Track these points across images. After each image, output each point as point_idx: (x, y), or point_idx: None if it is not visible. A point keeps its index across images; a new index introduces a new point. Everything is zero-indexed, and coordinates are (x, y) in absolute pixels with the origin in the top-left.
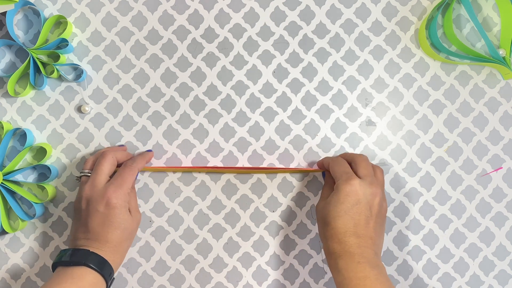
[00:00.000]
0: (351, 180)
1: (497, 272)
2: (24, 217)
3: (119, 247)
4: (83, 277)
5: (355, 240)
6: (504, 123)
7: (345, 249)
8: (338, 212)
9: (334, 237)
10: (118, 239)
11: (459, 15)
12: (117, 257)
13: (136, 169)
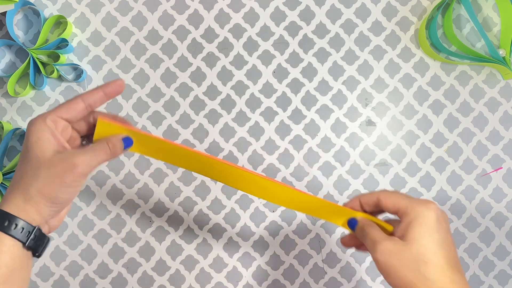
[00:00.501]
0: (430, 205)
1: (497, 272)
2: None
3: (27, 189)
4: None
5: (461, 278)
6: (504, 123)
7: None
8: (435, 246)
9: (440, 275)
10: (22, 176)
11: (459, 15)
12: (30, 205)
13: (79, 98)
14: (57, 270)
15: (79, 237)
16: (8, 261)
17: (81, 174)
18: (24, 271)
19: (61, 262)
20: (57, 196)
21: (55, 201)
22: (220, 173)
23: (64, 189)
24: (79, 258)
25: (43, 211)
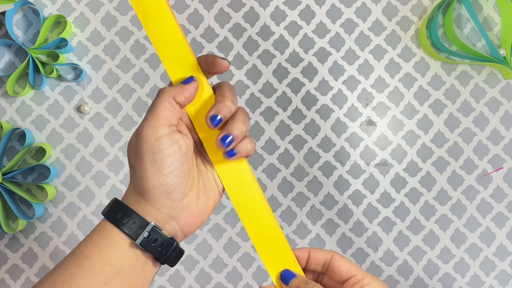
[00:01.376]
0: (384, 285)
1: (497, 273)
2: (24, 217)
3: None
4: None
5: None
6: (505, 123)
7: None
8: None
9: None
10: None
11: (459, 14)
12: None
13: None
14: None
15: (79, 238)
16: (114, 259)
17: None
18: (135, 275)
19: None
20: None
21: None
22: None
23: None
24: None
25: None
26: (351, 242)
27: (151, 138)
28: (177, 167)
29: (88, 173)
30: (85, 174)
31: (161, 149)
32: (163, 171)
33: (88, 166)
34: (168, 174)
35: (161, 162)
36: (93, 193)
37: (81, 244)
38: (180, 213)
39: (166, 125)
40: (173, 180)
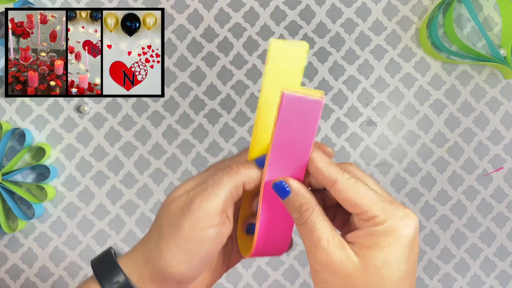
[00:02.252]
0: (410, 219)
1: (498, 273)
2: (23, 218)
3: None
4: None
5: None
6: (505, 123)
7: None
8: (399, 282)
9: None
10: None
11: (460, 14)
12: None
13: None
14: (56, 270)
15: (78, 238)
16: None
17: (201, 210)
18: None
19: (60, 263)
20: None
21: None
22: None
23: (184, 246)
24: (78, 258)
25: (158, 280)
26: None
27: (201, 225)
28: (208, 262)
29: (88, 173)
30: (85, 174)
31: (203, 240)
32: (191, 262)
33: (88, 166)
34: (195, 267)
35: (196, 254)
36: (93, 193)
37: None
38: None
39: (221, 214)
40: (197, 272)
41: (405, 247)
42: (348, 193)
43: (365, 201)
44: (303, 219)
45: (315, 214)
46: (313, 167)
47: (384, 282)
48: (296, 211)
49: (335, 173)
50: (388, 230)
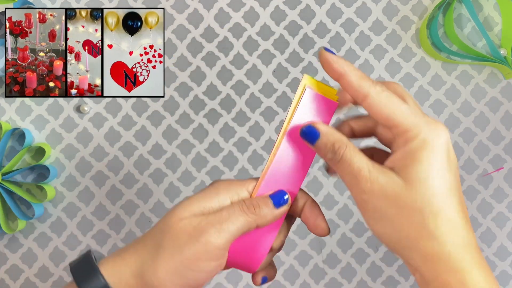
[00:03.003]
0: (440, 130)
1: (498, 273)
2: (23, 218)
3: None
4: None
5: (474, 238)
6: (506, 123)
7: (473, 257)
8: (448, 191)
9: (453, 235)
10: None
11: (460, 14)
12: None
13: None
14: (56, 271)
15: (78, 238)
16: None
17: (212, 245)
18: None
19: (60, 263)
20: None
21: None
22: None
23: (185, 272)
24: None
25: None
26: (351, 242)
27: (206, 257)
28: (201, 285)
29: (88, 173)
30: (84, 174)
31: (203, 271)
32: (184, 284)
33: (88, 166)
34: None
35: (191, 282)
36: (92, 193)
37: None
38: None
39: (226, 249)
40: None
41: (443, 157)
42: (379, 107)
43: (397, 114)
44: (339, 156)
45: (349, 149)
46: (345, 81)
47: (434, 195)
48: (329, 151)
49: (366, 87)
50: (422, 144)
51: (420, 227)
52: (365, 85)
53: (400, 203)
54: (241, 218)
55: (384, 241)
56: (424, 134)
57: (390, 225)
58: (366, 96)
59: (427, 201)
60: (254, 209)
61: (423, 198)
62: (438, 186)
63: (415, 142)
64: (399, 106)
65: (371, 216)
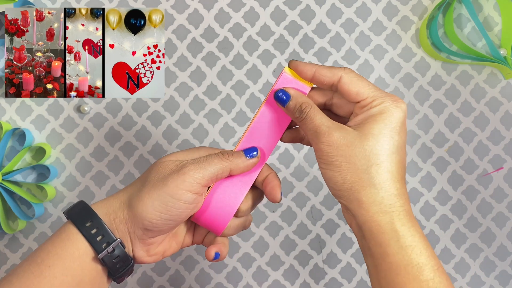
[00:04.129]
0: (401, 104)
1: (498, 273)
2: (23, 218)
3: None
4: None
5: (406, 192)
6: (505, 123)
7: (404, 203)
8: (393, 147)
9: (389, 184)
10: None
11: (460, 14)
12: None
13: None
14: None
15: None
16: (76, 271)
17: (189, 177)
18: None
19: None
20: (152, 205)
21: (148, 212)
22: None
23: (163, 196)
24: None
25: (131, 221)
26: (351, 242)
27: (184, 187)
28: (175, 222)
29: (88, 173)
30: (85, 174)
31: (181, 200)
32: (164, 214)
33: (88, 166)
34: (164, 221)
35: (170, 209)
36: (93, 193)
37: (41, 251)
38: (140, 245)
39: (202, 187)
40: (163, 227)
41: (397, 123)
42: (351, 85)
43: (365, 89)
44: (304, 114)
45: (313, 109)
46: (318, 73)
47: (381, 149)
48: (297, 111)
49: (338, 71)
50: (383, 109)
51: (363, 173)
52: (337, 70)
53: (350, 152)
54: (216, 161)
55: (331, 184)
56: (386, 104)
57: (338, 170)
58: (341, 77)
59: (374, 152)
60: (229, 156)
61: (371, 149)
62: (386, 143)
63: (377, 108)
64: (367, 84)
65: (324, 162)
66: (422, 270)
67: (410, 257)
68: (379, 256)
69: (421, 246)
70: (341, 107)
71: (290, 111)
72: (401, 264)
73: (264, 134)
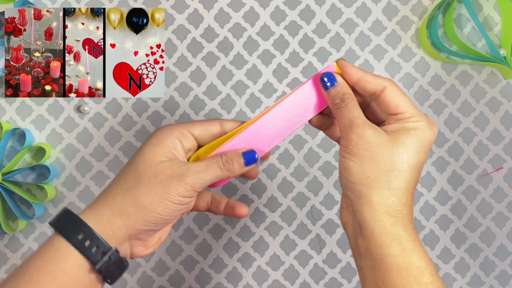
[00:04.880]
0: (434, 128)
1: (498, 273)
2: (23, 218)
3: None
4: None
5: (412, 206)
6: (505, 123)
7: (409, 214)
8: (417, 163)
9: (402, 192)
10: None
11: (460, 14)
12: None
13: (217, 121)
14: None
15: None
16: (68, 283)
17: (190, 186)
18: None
19: None
20: (154, 210)
21: (150, 216)
22: None
23: (165, 202)
24: None
25: (132, 228)
26: None
27: (185, 194)
28: (168, 221)
29: (88, 173)
30: (85, 174)
31: (179, 204)
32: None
33: (88, 166)
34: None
35: (168, 210)
36: (93, 193)
37: (29, 267)
38: (139, 243)
39: (199, 191)
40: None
41: (427, 143)
42: (393, 97)
43: (405, 105)
44: (345, 103)
45: (354, 102)
46: (364, 79)
47: (408, 159)
48: (339, 98)
49: (383, 81)
50: (418, 126)
51: (382, 174)
52: (382, 80)
53: (378, 151)
54: (216, 171)
55: (347, 174)
56: (422, 122)
57: (360, 162)
58: (385, 88)
59: (400, 160)
60: (229, 165)
61: (398, 156)
62: (413, 156)
63: (413, 124)
64: (408, 100)
65: (348, 152)
66: (423, 273)
67: (411, 260)
68: (379, 256)
69: (420, 251)
70: (374, 115)
71: (331, 96)
72: (402, 266)
73: (267, 135)
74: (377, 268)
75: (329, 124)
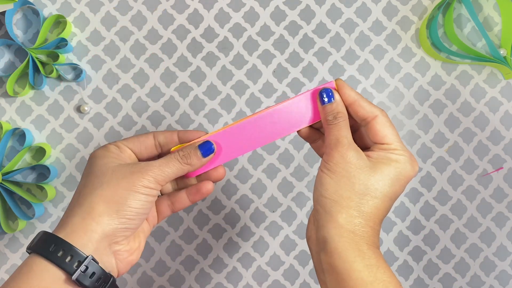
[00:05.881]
0: (416, 166)
1: (498, 273)
2: (23, 218)
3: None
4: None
5: (379, 233)
6: (505, 123)
7: (374, 236)
8: (390, 193)
9: (371, 217)
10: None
11: (460, 14)
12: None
13: (150, 134)
14: None
15: None
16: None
17: (152, 178)
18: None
19: None
20: (125, 203)
21: (122, 210)
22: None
23: (133, 194)
24: None
25: (107, 226)
26: None
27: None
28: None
29: None
30: None
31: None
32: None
33: None
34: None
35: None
36: None
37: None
38: (117, 246)
39: (163, 184)
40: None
41: (405, 177)
42: (383, 127)
43: (393, 137)
44: (337, 121)
45: (345, 122)
46: (358, 103)
47: (383, 188)
48: (332, 115)
49: (376, 110)
50: (400, 159)
51: (355, 196)
52: (375, 109)
53: (356, 173)
54: (176, 165)
55: (322, 188)
56: (405, 157)
57: (337, 180)
58: (376, 117)
59: (375, 186)
60: (186, 159)
61: (374, 182)
62: (388, 186)
63: (396, 156)
64: (396, 133)
65: (328, 168)
66: (387, 287)
67: (376, 274)
68: (345, 271)
69: (384, 266)
70: (361, 139)
71: (325, 111)
72: (367, 280)
73: (242, 140)
74: (341, 282)
75: (316, 138)
